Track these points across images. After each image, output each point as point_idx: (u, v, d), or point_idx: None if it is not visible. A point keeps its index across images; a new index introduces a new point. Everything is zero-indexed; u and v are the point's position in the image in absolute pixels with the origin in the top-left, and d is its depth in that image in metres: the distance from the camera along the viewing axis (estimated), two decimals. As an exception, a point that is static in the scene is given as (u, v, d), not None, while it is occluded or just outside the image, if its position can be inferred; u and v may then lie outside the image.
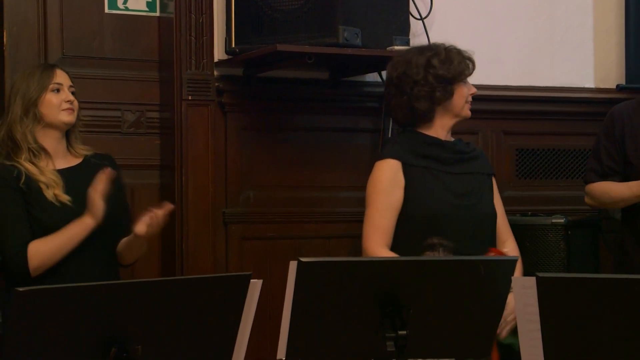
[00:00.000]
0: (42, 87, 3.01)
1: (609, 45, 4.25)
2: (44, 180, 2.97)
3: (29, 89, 3.00)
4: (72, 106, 3.04)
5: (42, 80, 3.02)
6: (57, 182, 2.99)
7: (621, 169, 3.43)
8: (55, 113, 3.01)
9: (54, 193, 2.97)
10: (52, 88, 3.02)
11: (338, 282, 2.31)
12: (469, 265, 2.43)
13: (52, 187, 2.98)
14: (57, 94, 3.02)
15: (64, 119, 3.03)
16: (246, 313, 2.17)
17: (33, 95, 3.00)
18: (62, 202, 2.97)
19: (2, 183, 2.97)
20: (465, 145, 3.30)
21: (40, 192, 2.97)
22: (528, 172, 4.15)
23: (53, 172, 3.01)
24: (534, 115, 4.15)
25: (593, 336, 2.14)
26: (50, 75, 3.03)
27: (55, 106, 3.01)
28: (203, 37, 3.55)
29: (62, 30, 3.51)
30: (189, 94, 3.52)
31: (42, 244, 2.94)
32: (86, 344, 1.99)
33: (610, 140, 3.45)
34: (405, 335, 2.27)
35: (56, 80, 3.03)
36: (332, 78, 3.82)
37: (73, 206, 2.97)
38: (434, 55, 3.19)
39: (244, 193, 3.70)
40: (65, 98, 3.03)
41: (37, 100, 3.00)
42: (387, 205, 3.12)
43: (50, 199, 2.97)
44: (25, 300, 1.90)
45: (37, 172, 2.98)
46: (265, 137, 3.74)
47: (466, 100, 3.23)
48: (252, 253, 3.68)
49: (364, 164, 3.84)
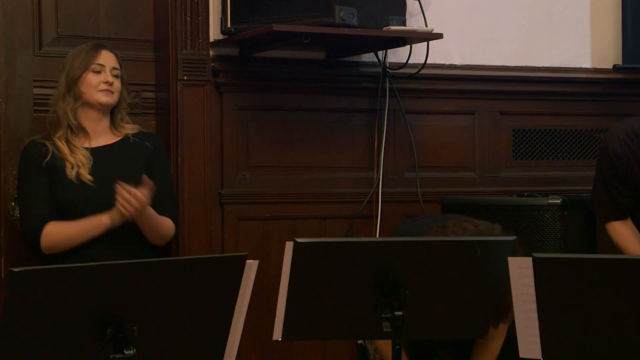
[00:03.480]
0: (84, 66, 3.08)
1: (606, 25, 4.23)
2: (71, 160, 3.04)
3: (73, 67, 3.08)
4: (110, 88, 3.09)
5: (85, 59, 3.08)
6: (85, 162, 3.04)
7: (632, 197, 3.44)
8: (92, 93, 3.07)
9: (78, 172, 3.02)
10: (93, 68, 3.09)
11: (334, 262, 2.31)
12: (465, 246, 2.43)
13: (77, 167, 3.03)
14: (97, 74, 3.09)
15: (100, 99, 3.09)
16: (242, 294, 2.17)
17: (76, 74, 3.07)
18: (82, 180, 3.01)
19: (30, 160, 3.07)
20: None
21: (63, 170, 3.03)
22: (524, 152, 4.15)
23: (84, 151, 3.07)
24: (530, 96, 4.14)
25: (589, 316, 2.15)
26: (94, 55, 3.10)
27: (94, 86, 3.08)
28: (198, 17, 3.53)
29: (57, 9, 3.48)
30: (184, 74, 3.51)
31: (56, 227, 3.00)
32: (82, 325, 1.98)
33: (616, 179, 3.42)
34: (402, 315, 2.28)
35: (98, 61, 3.09)
36: (328, 58, 3.81)
37: (94, 185, 3.01)
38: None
39: (240, 174, 3.69)
40: (104, 79, 3.08)
41: (79, 79, 3.07)
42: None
43: (71, 178, 3.01)
44: (20, 281, 1.90)
45: (67, 151, 3.05)
46: (261, 117, 3.74)
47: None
48: (248, 234, 3.68)
49: (361, 144, 3.84)
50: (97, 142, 3.11)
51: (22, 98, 3.36)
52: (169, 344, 2.12)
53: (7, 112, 3.32)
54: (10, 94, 3.34)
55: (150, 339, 2.06)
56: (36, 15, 3.43)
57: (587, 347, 2.17)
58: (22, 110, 3.36)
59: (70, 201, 3.01)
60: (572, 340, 2.17)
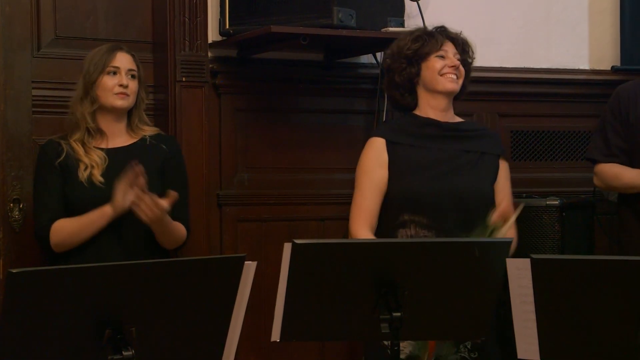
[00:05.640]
0: (100, 69, 3.07)
1: (605, 26, 4.24)
2: (85, 161, 3.04)
3: (89, 71, 3.08)
4: (125, 91, 3.08)
5: (100, 62, 3.07)
6: (99, 163, 3.05)
7: (628, 148, 3.42)
8: (108, 96, 3.07)
9: (90, 173, 3.02)
10: (109, 71, 3.07)
11: (332, 264, 2.31)
12: (463, 247, 2.43)
13: (90, 168, 3.03)
14: (113, 76, 3.07)
15: (115, 103, 3.08)
16: (240, 295, 2.17)
17: (92, 78, 3.07)
18: (92, 182, 3.02)
19: (45, 159, 3.09)
20: (470, 125, 3.30)
21: (75, 171, 3.03)
22: (523, 154, 4.15)
23: (99, 152, 3.07)
24: (529, 97, 4.15)
25: (587, 317, 2.15)
26: (110, 57, 3.08)
27: (109, 89, 3.07)
28: (197, 18, 3.53)
29: (55, 10, 3.48)
30: (182, 76, 3.51)
31: (65, 223, 3.02)
32: (80, 326, 1.99)
33: (617, 119, 3.43)
34: (400, 317, 2.28)
35: (114, 63, 3.08)
36: (326, 59, 3.81)
37: (104, 187, 3.00)
38: (407, 36, 3.20)
39: (238, 175, 3.69)
40: (119, 82, 3.07)
41: (95, 82, 3.06)
42: (371, 186, 3.12)
43: (82, 179, 3.02)
44: (19, 282, 1.90)
45: (82, 152, 3.06)
46: (259, 118, 3.74)
47: (439, 73, 3.15)
48: (246, 235, 3.68)
49: (359, 145, 3.82)
50: (114, 143, 3.11)
51: (20, 99, 3.36)
52: (167, 345, 2.12)
53: (6, 113, 3.32)
54: (8, 95, 3.33)
55: (149, 340, 2.06)
56: (34, 17, 3.43)
57: (585, 347, 2.18)
58: (20, 112, 3.35)
59: (79, 202, 3.01)
60: (569, 340, 2.17)
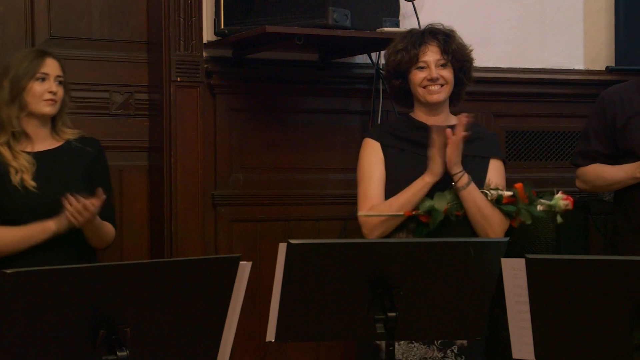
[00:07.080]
0: (29, 75, 3.01)
1: (599, 26, 4.24)
2: (14, 165, 3.00)
3: (17, 75, 3.01)
4: (54, 97, 3.04)
5: (30, 67, 3.02)
6: (28, 167, 3.01)
7: (610, 154, 3.42)
8: (37, 102, 3.03)
9: (21, 177, 2.99)
10: (38, 77, 3.02)
11: (327, 264, 2.31)
12: (458, 247, 2.43)
13: (20, 172, 2.99)
14: (42, 83, 3.03)
15: (44, 110, 3.04)
16: (235, 295, 2.16)
17: (20, 83, 3.01)
18: (26, 187, 2.98)
19: None
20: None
21: (7, 176, 2.99)
22: (518, 154, 4.15)
23: (27, 156, 3.03)
24: (523, 97, 4.15)
25: (582, 317, 2.15)
26: (39, 63, 3.03)
27: (38, 96, 3.02)
28: (192, 18, 3.53)
29: (49, 10, 3.48)
30: (177, 76, 3.51)
31: (3, 232, 2.95)
32: (74, 327, 1.98)
33: (601, 124, 3.44)
34: (395, 317, 2.28)
35: (43, 70, 3.03)
36: (321, 59, 3.81)
37: (37, 192, 2.98)
38: (392, 46, 3.17)
39: (233, 175, 3.69)
40: (49, 88, 3.03)
41: (24, 88, 3.01)
42: (374, 177, 3.11)
43: (15, 184, 2.98)
44: (13, 282, 1.89)
45: (11, 156, 3.01)
46: (254, 118, 3.73)
47: (420, 85, 3.12)
48: (241, 235, 3.68)
49: (354, 145, 3.83)
50: (40, 147, 3.08)
51: (14, 99, 3.34)
52: (162, 345, 2.11)
53: (1, 113, 3.31)
54: (2, 95, 3.32)
55: (143, 340, 2.05)
56: (28, 16, 3.43)
57: (580, 347, 2.18)
58: (14, 111, 3.34)
59: (14, 207, 2.97)
60: (564, 340, 2.17)
